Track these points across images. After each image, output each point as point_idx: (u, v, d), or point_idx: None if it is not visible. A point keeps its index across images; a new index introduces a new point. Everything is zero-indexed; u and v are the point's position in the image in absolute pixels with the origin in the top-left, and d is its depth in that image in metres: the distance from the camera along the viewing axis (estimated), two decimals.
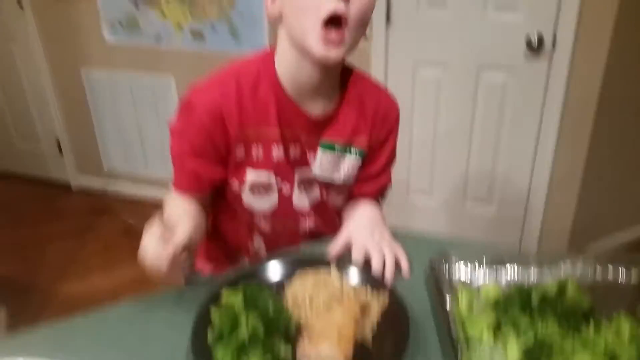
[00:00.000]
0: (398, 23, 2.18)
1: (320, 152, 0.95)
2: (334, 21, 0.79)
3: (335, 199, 1.04)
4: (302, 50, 0.85)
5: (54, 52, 2.83)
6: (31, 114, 3.06)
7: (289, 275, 0.85)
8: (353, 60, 0.95)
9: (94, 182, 3.11)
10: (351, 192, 1.05)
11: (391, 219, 1.04)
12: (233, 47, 2.42)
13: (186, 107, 0.91)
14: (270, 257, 0.91)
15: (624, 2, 1.87)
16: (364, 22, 0.84)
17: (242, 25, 2.37)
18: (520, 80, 2.10)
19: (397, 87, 2.27)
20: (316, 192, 1.01)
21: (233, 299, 0.75)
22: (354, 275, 0.85)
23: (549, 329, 0.70)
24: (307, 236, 1.05)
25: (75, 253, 2.50)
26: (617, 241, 2.44)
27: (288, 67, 0.89)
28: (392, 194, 1.16)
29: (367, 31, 0.91)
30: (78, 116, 2.96)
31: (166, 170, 2.76)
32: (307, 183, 0.99)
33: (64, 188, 3.15)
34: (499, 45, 2.08)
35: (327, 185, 1.01)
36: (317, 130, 0.94)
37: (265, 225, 1.02)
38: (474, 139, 2.28)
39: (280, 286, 0.83)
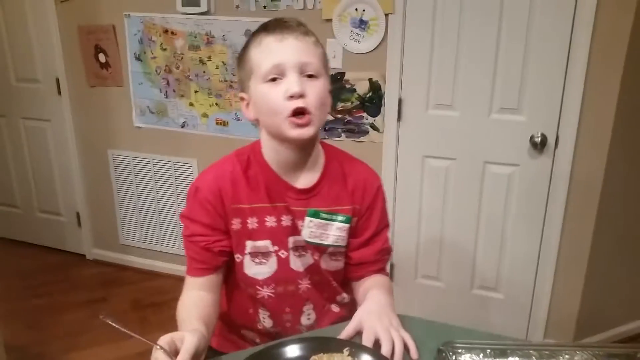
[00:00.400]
0: (408, 120, 2.35)
1: (307, 219, 1.07)
2: (298, 112, 0.97)
3: (329, 264, 1.14)
4: (280, 138, 1.02)
5: (84, 133, 3.03)
6: (55, 188, 3.21)
7: (304, 357, 0.91)
8: (366, 151, 1.09)
9: (109, 255, 3.19)
10: (351, 260, 1.14)
11: (399, 301, 1.11)
12: (253, 134, 2.57)
13: (193, 191, 1.06)
14: (286, 340, 0.97)
15: (621, 107, 2.03)
16: (323, 104, 1.01)
17: None
18: (525, 175, 2.22)
19: (407, 177, 2.41)
20: (309, 257, 1.11)
21: None
22: None
23: None
24: (306, 298, 1.14)
25: (86, 323, 2.54)
26: (624, 333, 2.44)
27: (272, 151, 1.06)
28: (401, 278, 1.23)
29: (380, 126, 1.07)
30: (100, 192, 3.10)
31: (179, 246, 2.85)
32: (301, 249, 1.10)
33: (80, 258, 3.24)
34: (504, 143, 2.22)
35: (320, 250, 1.11)
36: (303, 201, 1.07)
37: (268, 293, 1.11)
38: (480, 229, 2.36)
39: None
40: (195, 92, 2.67)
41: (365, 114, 2.39)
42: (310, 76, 0.98)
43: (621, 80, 2.00)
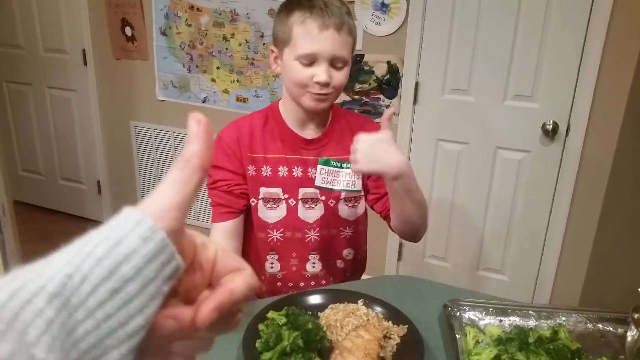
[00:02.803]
0: (424, 104, 2.41)
1: (319, 167, 1.20)
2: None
3: (345, 210, 1.25)
4: (297, 102, 1.15)
5: (108, 104, 3.13)
6: (77, 156, 3.32)
7: (323, 305, 1.00)
8: None
9: None
10: (382, 212, 1.22)
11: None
12: None
13: (216, 141, 1.18)
14: (308, 290, 1.06)
15: (633, 98, 2.08)
16: (342, 86, 1.14)
17: (281, 94, 2.63)
18: (535, 161, 2.29)
19: (419, 160, 2.48)
20: (319, 209, 1.23)
21: (278, 317, 0.91)
22: (378, 311, 1.00)
23: None
24: (313, 248, 1.24)
25: None
26: None
27: (288, 108, 1.20)
28: (409, 257, 1.32)
29: (396, 108, 1.16)
30: (121, 162, 3.21)
31: (197, 217, 2.93)
32: (310, 201, 1.22)
33: (99, 225, 3.34)
34: (517, 130, 2.28)
35: (335, 197, 1.22)
36: (315, 151, 1.20)
37: (277, 236, 1.23)
38: (489, 212, 2.44)
39: (315, 315, 0.97)
40: (218, 68, 2.75)
41: (382, 96, 2.46)
42: (337, 67, 1.10)
43: (635, 71, 2.05)
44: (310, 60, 1.08)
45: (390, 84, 2.43)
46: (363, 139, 1.01)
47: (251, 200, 1.20)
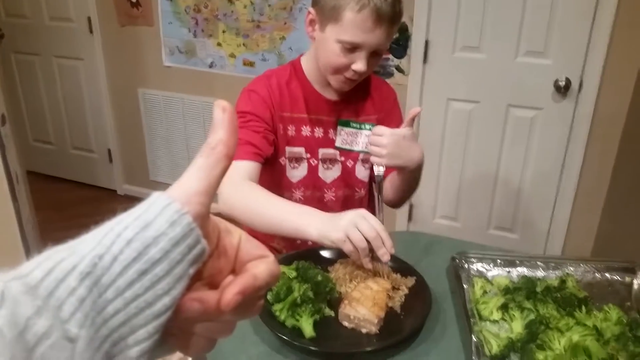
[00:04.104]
0: (434, 63, 2.37)
1: (339, 128, 1.21)
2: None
3: (362, 172, 1.27)
4: (325, 75, 1.14)
5: (115, 72, 3.11)
6: (87, 125, 3.34)
7: (332, 260, 1.01)
8: None
9: (139, 191, 3.34)
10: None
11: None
12: None
13: (247, 94, 1.16)
14: (318, 247, 1.07)
15: None
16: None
17: (289, 57, 2.60)
18: (547, 118, 2.26)
19: (430, 120, 2.46)
20: (338, 168, 1.25)
21: (288, 271, 0.92)
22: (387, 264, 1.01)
23: (549, 311, 0.84)
24: (330, 207, 1.25)
25: None
26: None
27: (312, 68, 1.18)
28: (419, 217, 1.34)
29: (406, 68, 1.16)
30: (130, 130, 3.22)
31: None
32: (329, 161, 1.23)
33: (111, 193, 3.41)
34: (529, 87, 2.24)
35: (353, 158, 1.24)
36: (335, 112, 1.20)
37: (299, 196, 1.24)
38: (500, 171, 2.42)
39: (324, 269, 0.99)
40: (223, 32, 2.71)
41: (390, 56, 2.42)
42: (376, 55, 1.09)
43: None
44: (354, 47, 1.05)
45: (399, 43, 2.39)
46: (386, 133, 1.03)
47: (280, 160, 1.19)
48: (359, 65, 1.06)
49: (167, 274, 0.28)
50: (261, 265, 0.33)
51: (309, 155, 1.21)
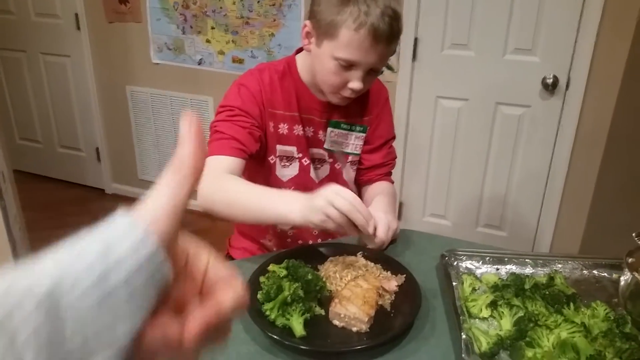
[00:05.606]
0: (423, 60, 2.38)
1: (329, 129, 1.21)
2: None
3: (350, 173, 1.29)
4: (320, 88, 1.13)
5: (103, 69, 3.09)
6: (75, 123, 3.30)
7: (323, 258, 1.01)
8: None
9: (127, 190, 3.32)
10: (362, 164, 1.29)
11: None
12: None
13: (236, 88, 1.14)
14: (312, 244, 1.07)
15: (635, 49, 2.05)
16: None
17: (278, 54, 2.60)
18: (535, 115, 2.28)
19: (419, 118, 2.46)
20: (326, 168, 1.26)
21: (279, 270, 0.92)
22: (377, 262, 1.01)
23: (538, 308, 0.85)
24: None
25: None
26: None
27: (306, 70, 1.17)
28: (409, 216, 1.34)
29: (395, 65, 1.16)
30: (119, 128, 3.19)
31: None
32: (318, 161, 1.24)
33: (99, 192, 3.38)
34: (517, 84, 2.26)
35: (342, 160, 1.25)
36: (326, 113, 1.20)
37: None
38: (488, 169, 2.44)
39: (315, 267, 0.99)
40: (212, 28, 2.70)
41: None
42: (372, 72, 1.09)
43: (636, 24, 2.00)
44: (350, 65, 1.04)
45: None
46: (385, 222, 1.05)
47: (270, 159, 1.19)
48: (355, 84, 1.06)
49: (129, 299, 0.27)
50: (226, 294, 0.32)
51: (300, 155, 1.21)
